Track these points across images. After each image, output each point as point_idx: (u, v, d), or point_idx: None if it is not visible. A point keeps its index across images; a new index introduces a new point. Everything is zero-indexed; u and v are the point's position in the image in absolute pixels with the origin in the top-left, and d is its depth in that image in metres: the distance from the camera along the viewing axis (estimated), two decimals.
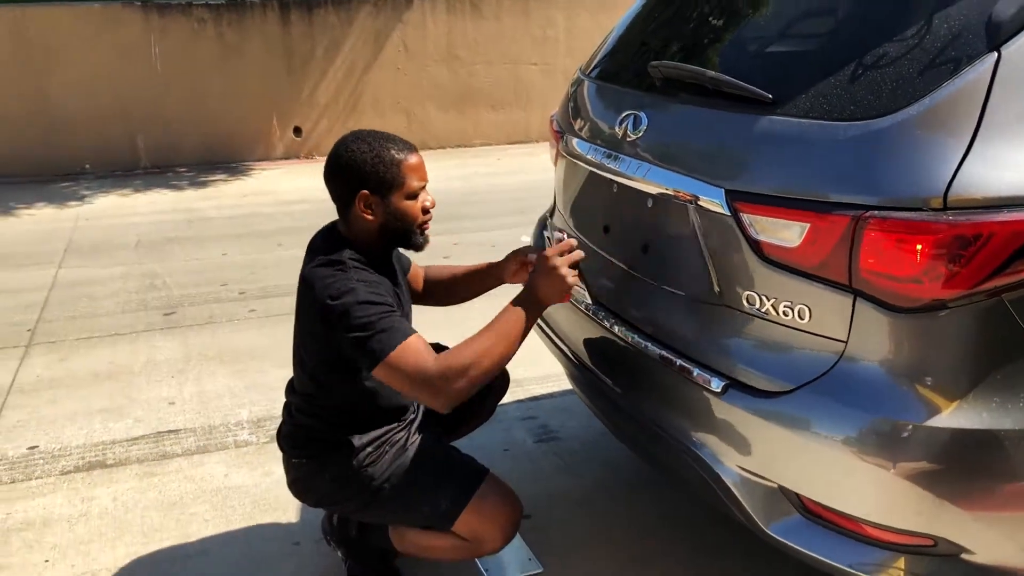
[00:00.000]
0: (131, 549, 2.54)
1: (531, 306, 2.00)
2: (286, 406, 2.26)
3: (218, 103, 7.39)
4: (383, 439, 2.12)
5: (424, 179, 2.09)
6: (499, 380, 2.52)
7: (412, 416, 2.25)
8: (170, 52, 7.21)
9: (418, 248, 2.14)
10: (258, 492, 2.78)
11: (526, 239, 3.30)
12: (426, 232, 2.13)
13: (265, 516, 2.68)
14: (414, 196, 2.06)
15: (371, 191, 2.02)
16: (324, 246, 2.08)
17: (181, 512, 2.71)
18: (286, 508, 2.69)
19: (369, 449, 2.10)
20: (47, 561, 2.50)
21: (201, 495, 2.80)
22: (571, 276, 2.00)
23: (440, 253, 4.29)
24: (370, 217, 2.04)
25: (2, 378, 3.60)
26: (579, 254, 2.03)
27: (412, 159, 2.06)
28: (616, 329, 2.17)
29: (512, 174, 7.02)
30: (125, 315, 4.27)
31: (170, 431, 3.19)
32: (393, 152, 2.03)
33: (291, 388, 2.25)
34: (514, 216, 3.18)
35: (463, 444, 2.41)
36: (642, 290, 2.13)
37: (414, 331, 1.95)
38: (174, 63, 7.23)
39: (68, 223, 5.78)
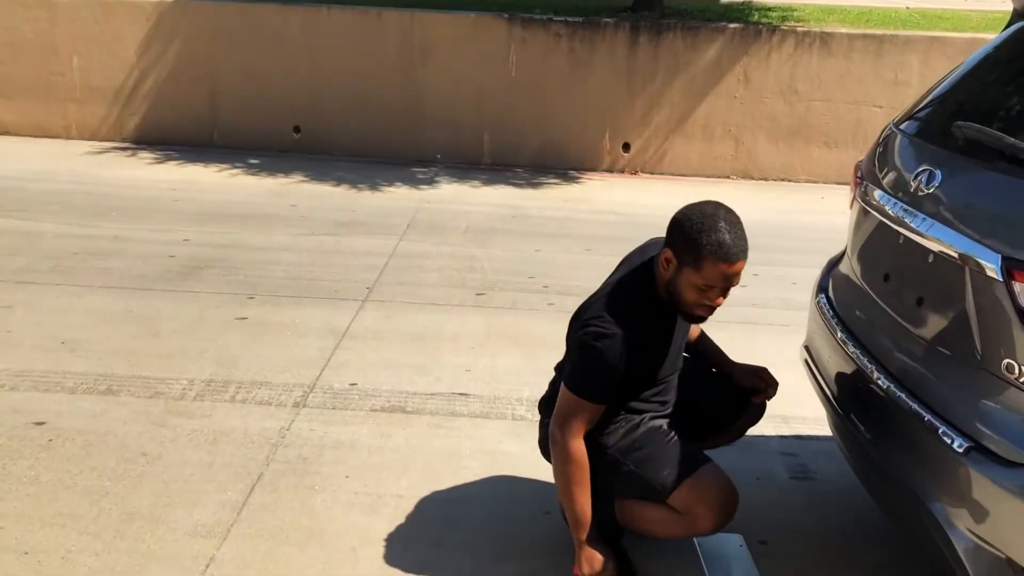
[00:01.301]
0: (411, 482, 2.98)
1: (575, 529, 2.37)
2: (552, 380, 2.60)
3: (560, 112, 7.95)
4: (623, 416, 2.37)
5: (721, 284, 2.18)
6: (754, 409, 2.65)
7: (658, 412, 2.45)
8: (525, 61, 7.88)
9: (685, 319, 2.35)
10: (524, 462, 3.11)
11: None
12: (698, 315, 2.28)
13: (524, 483, 3.00)
14: (703, 288, 2.19)
15: (674, 253, 2.21)
16: (637, 265, 2.37)
17: (457, 463, 3.11)
18: (545, 479, 2.99)
19: (608, 420, 2.35)
20: (347, 477, 3.00)
21: (476, 453, 3.18)
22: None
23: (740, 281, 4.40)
24: (663, 271, 2.26)
25: (342, 323, 4.26)
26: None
27: (724, 263, 2.13)
28: (877, 377, 2.21)
29: (830, 214, 6.84)
30: (444, 288, 4.83)
31: (462, 394, 3.62)
32: (718, 242, 2.12)
33: (559, 366, 2.56)
34: (822, 256, 3.15)
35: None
36: (909, 342, 2.15)
37: (603, 403, 2.28)
38: (527, 71, 7.89)
39: (414, 203, 6.57)
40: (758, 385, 2.59)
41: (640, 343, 2.25)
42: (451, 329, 4.29)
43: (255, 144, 7.95)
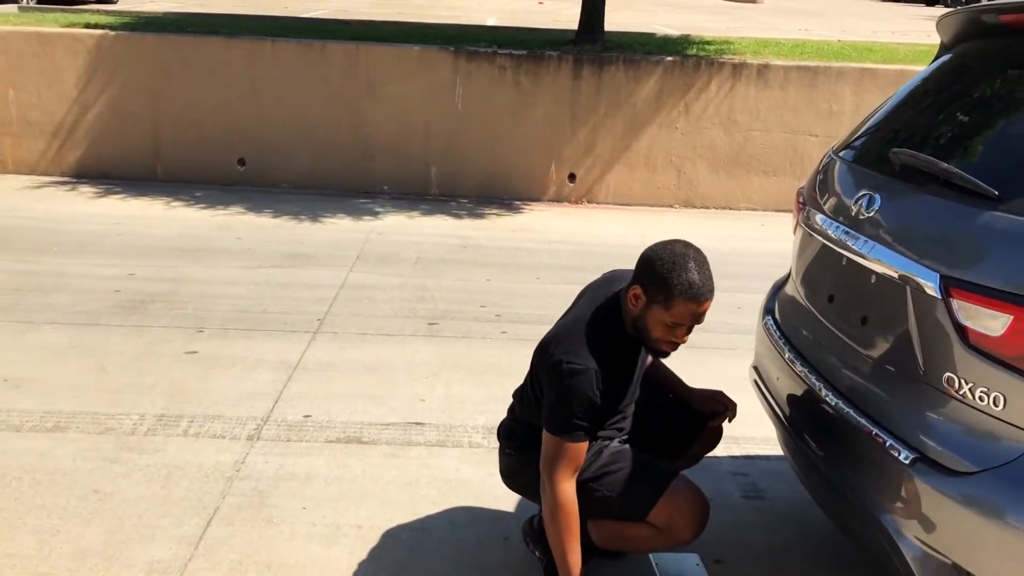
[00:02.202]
0: (370, 512, 2.97)
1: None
2: (510, 407, 2.62)
3: (506, 143, 8.04)
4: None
5: (689, 322, 2.25)
6: (711, 432, 2.71)
7: (618, 438, 2.50)
8: (471, 93, 7.96)
9: (650, 353, 2.42)
10: (482, 488, 3.13)
11: None
12: (663, 350, 2.35)
13: (483, 509, 3.02)
14: (671, 325, 2.26)
15: (644, 291, 2.27)
16: (606, 300, 2.39)
17: (415, 492, 3.12)
18: (503, 506, 3.01)
19: None
20: (304, 508, 2.98)
21: (433, 481, 3.19)
22: None
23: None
24: (631, 306, 2.32)
25: (293, 356, 4.24)
26: None
27: (693, 303, 2.20)
28: (825, 394, 2.29)
29: (771, 240, 7.05)
30: (396, 319, 4.84)
31: (417, 423, 3.63)
32: (688, 282, 2.19)
33: (518, 393, 2.59)
34: (764, 281, 3.25)
35: None
36: (854, 360, 2.24)
37: (586, 440, 2.30)
38: (473, 103, 7.97)
39: (363, 235, 6.58)
40: (716, 409, 2.65)
41: (611, 377, 2.31)
42: (404, 359, 4.30)
43: (200, 177, 7.88)
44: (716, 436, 2.73)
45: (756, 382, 2.82)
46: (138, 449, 3.30)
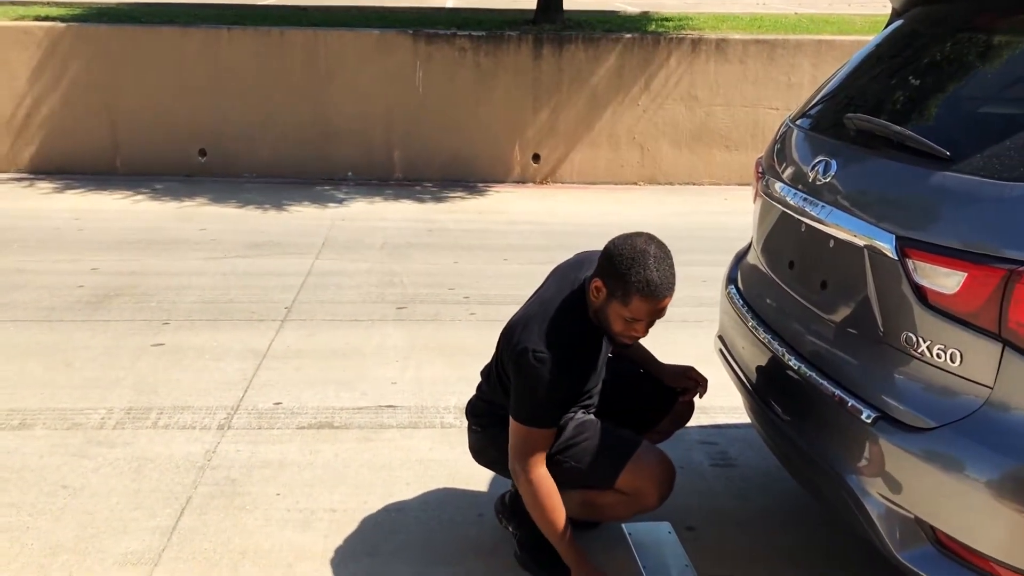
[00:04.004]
0: (344, 497, 2.98)
1: (566, 556, 2.38)
2: (478, 385, 2.63)
3: (469, 125, 8.02)
4: None
5: (647, 318, 2.26)
6: (682, 407, 2.74)
7: (585, 408, 2.52)
8: (432, 76, 7.93)
9: (611, 343, 2.45)
10: (455, 467, 3.14)
11: None
12: (622, 343, 2.39)
13: (457, 488, 3.03)
14: (629, 320, 2.27)
15: (604, 284, 2.27)
16: (573, 287, 2.38)
17: (388, 474, 3.13)
18: (477, 484, 3.03)
19: None
20: (278, 495, 2.98)
21: (407, 463, 3.20)
22: None
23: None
24: (592, 298, 2.33)
25: (261, 344, 4.22)
26: None
27: (651, 301, 2.21)
28: (788, 360, 2.32)
29: (735, 214, 7.10)
30: (364, 305, 4.83)
31: (389, 406, 3.63)
32: (646, 279, 2.19)
33: (485, 372, 2.60)
34: (729, 255, 3.28)
35: None
36: (816, 324, 2.27)
37: (553, 427, 2.32)
38: (434, 86, 7.94)
39: (327, 221, 6.54)
40: (687, 385, 2.68)
41: (578, 362, 2.32)
42: (374, 344, 4.30)
43: (160, 170, 7.79)
44: (687, 411, 2.76)
45: (721, 351, 2.86)
46: (107, 443, 3.27)
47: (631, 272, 2.21)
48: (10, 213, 6.52)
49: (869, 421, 1.92)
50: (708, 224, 6.72)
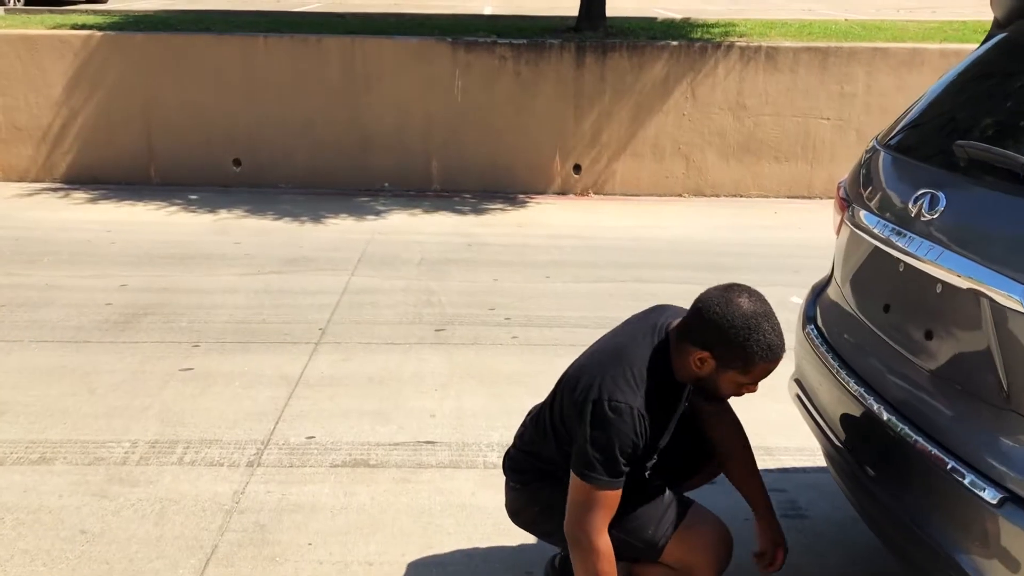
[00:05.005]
0: (380, 546, 2.75)
1: None
2: (518, 433, 2.37)
3: (508, 135, 7.78)
4: None
5: (764, 377, 2.06)
6: (716, 468, 2.47)
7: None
8: (471, 85, 7.70)
9: (708, 399, 2.20)
10: (501, 515, 2.86)
11: (796, 300, 3.20)
12: (725, 398, 2.16)
13: (503, 540, 2.79)
14: (745, 383, 2.06)
15: (714, 356, 2.02)
16: (653, 347, 2.10)
17: (428, 521, 2.89)
18: (525, 537, 2.78)
19: None
20: (310, 544, 2.76)
21: (448, 508, 2.96)
22: None
23: None
24: (695, 369, 2.07)
25: (294, 370, 4.01)
26: None
27: (774, 362, 2.02)
28: (886, 416, 2.05)
29: (788, 229, 6.80)
30: (401, 326, 4.61)
31: (428, 442, 3.40)
32: (767, 345, 1.98)
33: (532, 419, 2.34)
34: (786, 274, 3.03)
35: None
36: (920, 379, 2.00)
37: (619, 488, 2.03)
38: (474, 95, 7.71)
39: (364, 235, 6.34)
40: (765, 548, 2.39)
41: (654, 418, 2.07)
42: (411, 370, 4.07)
43: (195, 180, 7.64)
44: (717, 472, 2.49)
45: (799, 396, 2.58)
46: (130, 481, 3.07)
47: (750, 343, 1.97)
48: (43, 225, 6.39)
49: (995, 502, 1.64)
50: (760, 240, 6.43)
